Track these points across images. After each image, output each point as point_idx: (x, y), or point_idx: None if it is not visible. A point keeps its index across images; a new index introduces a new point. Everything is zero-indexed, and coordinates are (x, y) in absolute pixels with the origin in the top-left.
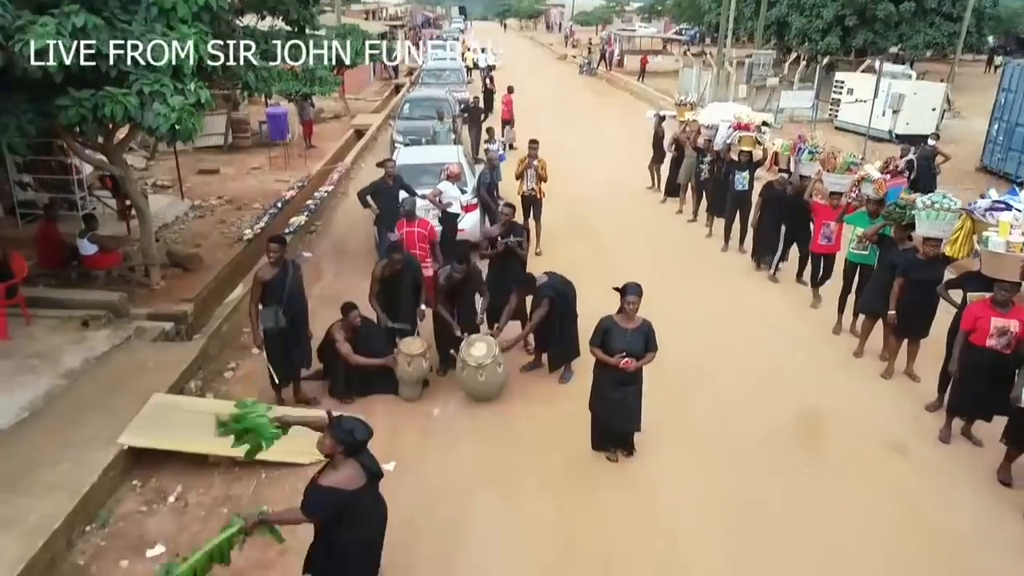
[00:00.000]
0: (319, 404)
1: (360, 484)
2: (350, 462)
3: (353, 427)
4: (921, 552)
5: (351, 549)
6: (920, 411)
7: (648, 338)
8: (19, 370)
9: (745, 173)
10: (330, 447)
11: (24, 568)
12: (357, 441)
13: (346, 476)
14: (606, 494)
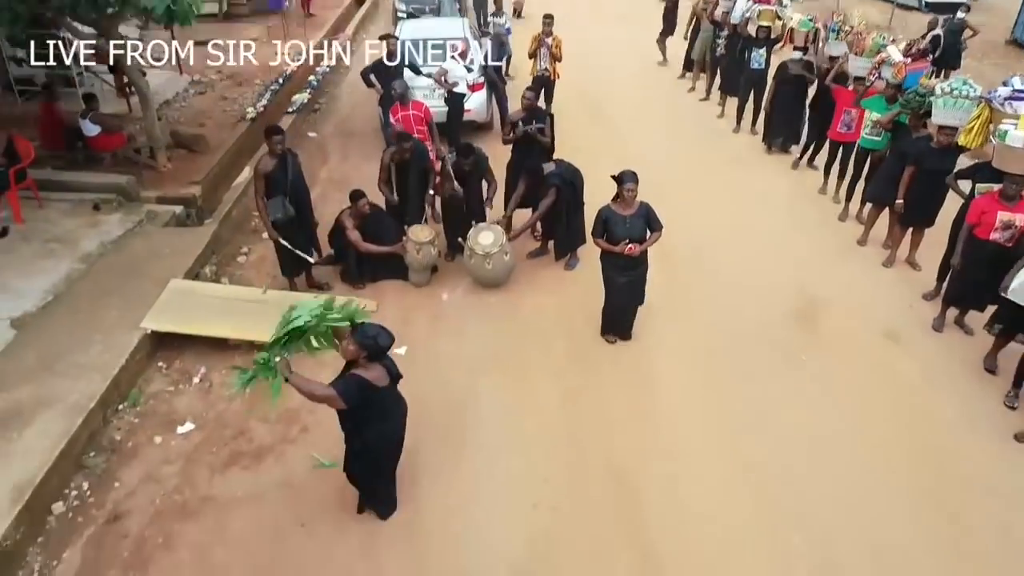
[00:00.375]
0: (331, 289)
1: (385, 383)
2: (374, 365)
3: (376, 334)
4: (906, 434)
5: (380, 443)
6: (917, 300)
7: (649, 220)
8: (38, 254)
9: (762, 51)
10: (354, 352)
11: (68, 442)
12: (380, 347)
13: (372, 376)
14: (607, 379)
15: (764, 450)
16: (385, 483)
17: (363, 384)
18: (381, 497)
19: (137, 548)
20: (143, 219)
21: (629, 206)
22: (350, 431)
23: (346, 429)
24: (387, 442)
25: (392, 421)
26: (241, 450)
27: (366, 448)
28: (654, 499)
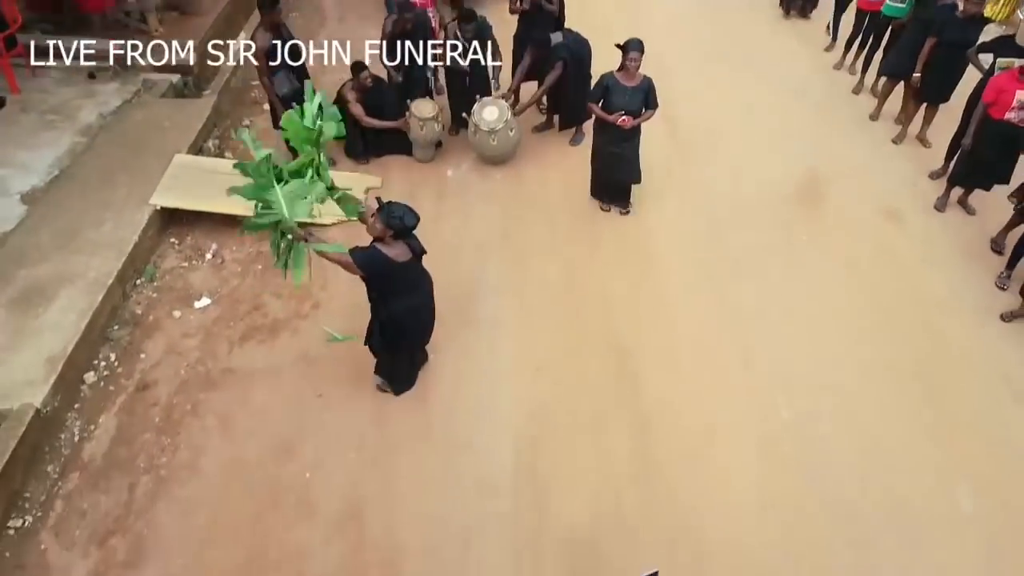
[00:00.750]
0: (334, 164)
1: (405, 259)
2: (398, 242)
3: (403, 214)
4: (896, 311)
5: (407, 316)
6: (923, 178)
7: (648, 96)
8: (39, 126)
9: None
10: (381, 231)
11: (92, 316)
12: (406, 227)
13: (394, 252)
14: (610, 254)
15: (758, 325)
16: (406, 360)
17: (379, 257)
18: (397, 373)
19: (167, 415)
20: (140, 89)
21: (632, 77)
22: (375, 301)
23: (372, 300)
24: (412, 315)
25: (418, 295)
26: (257, 324)
27: (392, 319)
28: (650, 371)
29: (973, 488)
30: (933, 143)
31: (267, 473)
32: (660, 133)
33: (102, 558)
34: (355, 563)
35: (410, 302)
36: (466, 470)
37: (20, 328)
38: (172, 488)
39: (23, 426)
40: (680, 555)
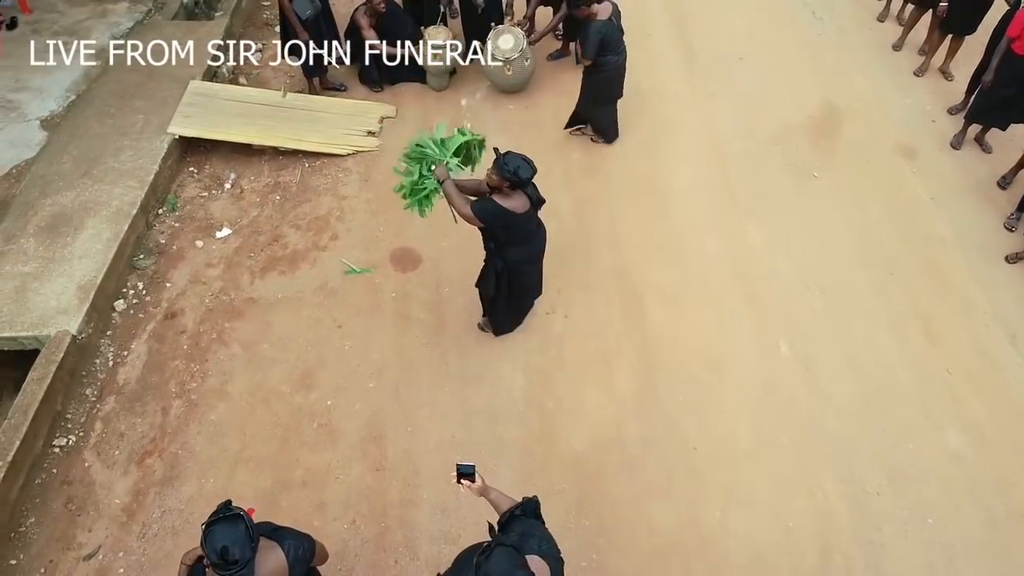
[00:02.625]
0: (346, 90)
1: (526, 209)
2: (516, 192)
3: (518, 165)
4: (901, 247)
5: (523, 265)
6: (942, 113)
7: None
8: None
9: None
10: (497, 181)
11: (119, 245)
12: (521, 179)
13: (513, 203)
14: (619, 188)
15: (763, 262)
16: (516, 306)
17: (499, 209)
18: (502, 317)
19: (195, 342)
20: (151, 8)
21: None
22: (492, 251)
23: (488, 249)
24: (527, 263)
25: (533, 244)
26: (277, 255)
27: (508, 268)
28: (656, 307)
29: (963, 429)
30: (956, 76)
31: (291, 399)
32: (675, 60)
33: (141, 476)
34: (375, 484)
35: (527, 252)
36: (479, 400)
37: (50, 257)
38: (202, 412)
39: (61, 352)
40: (677, 487)
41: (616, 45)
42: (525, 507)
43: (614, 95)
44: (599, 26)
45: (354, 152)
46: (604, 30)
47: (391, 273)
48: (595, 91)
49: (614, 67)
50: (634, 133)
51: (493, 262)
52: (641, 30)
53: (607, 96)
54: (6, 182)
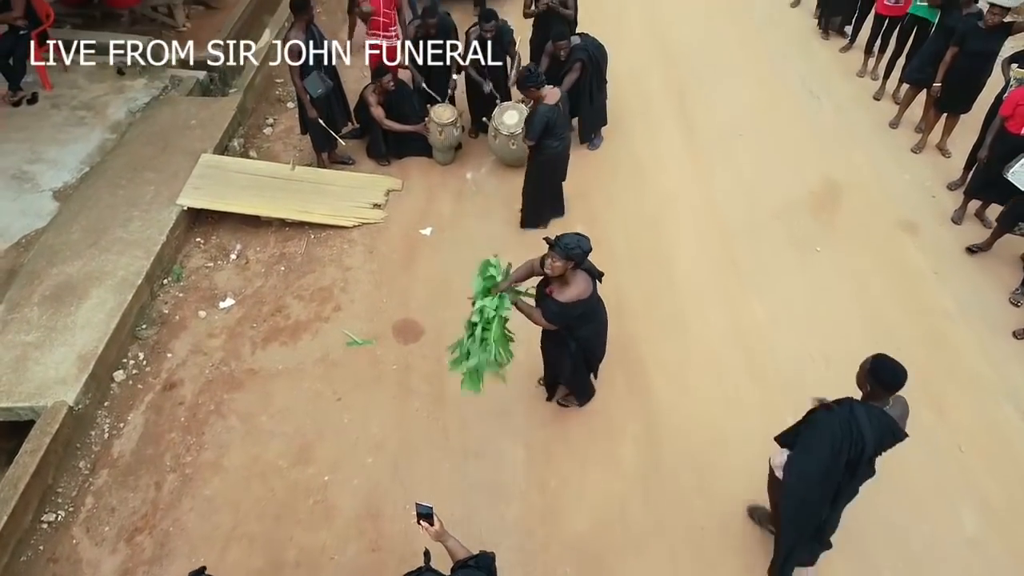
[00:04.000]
0: (354, 163)
1: (592, 290)
2: (578, 273)
3: (577, 242)
4: (906, 322)
5: (594, 339)
6: (941, 189)
7: None
8: (70, 122)
9: None
10: (562, 267)
11: (122, 315)
12: (584, 252)
13: (579, 289)
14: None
15: (767, 334)
16: (587, 375)
17: (567, 310)
18: (583, 387)
19: (192, 414)
20: (168, 85)
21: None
22: (564, 336)
23: (559, 335)
24: (597, 336)
25: (600, 319)
26: (279, 326)
27: (581, 347)
28: (661, 381)
29: (978, 510)
30: (953, 153)
31: (287, 474)
32: (675, 134)
33: (129, 554)
34: (371, 565)
35: (596, 325)
36: (480, 476)
37: (52, 326)
38: (197, 487)
39: (57, 423)
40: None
41: (560, 131)
42: (480, 560)
43: (557, 178)
44: (545, 110)
45: (360, 224)
46: (549, 115)
47: (393, 345)
48: (537, 172)
49: (555, 152)
50: (636, 205)
51: (565, 345)
52: (642, 103)
53: (549, 178)
54: (15, 251)
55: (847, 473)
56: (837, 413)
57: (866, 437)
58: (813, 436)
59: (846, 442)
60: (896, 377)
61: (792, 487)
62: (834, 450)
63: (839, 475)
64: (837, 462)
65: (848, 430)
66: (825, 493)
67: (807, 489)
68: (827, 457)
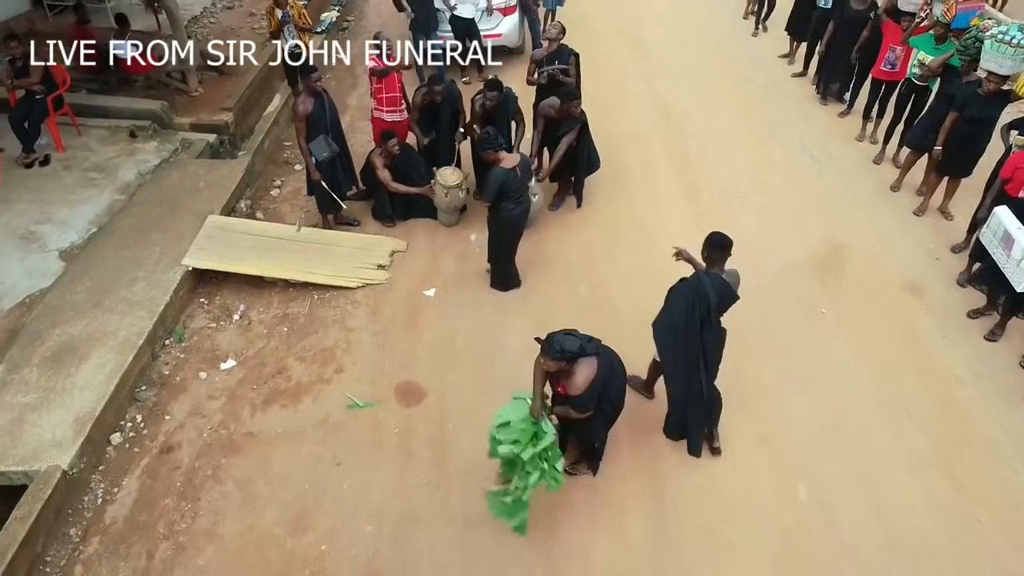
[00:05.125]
0: (359, 225)
1: (595, 368)
2: (578, 364)
3: (561, 342)
4: (917, 388)
5: (620, 396)
6: (945, 252)
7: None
8: (80, 184)
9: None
10: (555, 366)
11: (121, 377)
12: (569, 352)
13: (584, 376)
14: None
15: (776, 403)
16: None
17: (585, 398)
18: (598, 452)
19: (188, 479)
20: (178, 148)
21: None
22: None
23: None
24: (622, 390)
25: (619, 377)
26: (280, 388)
27: (612, 406)
28: (668, 451)
29: None
30: (955, 216)
31: (284, 543)
32: (679, 198)
33: None
34: None
35: (619, 383)
36: (482, 547)
37: (51, 387)
38: (190, 556)
39: (49, 489)
40: None
41: (517, 195)
42: None
43: (514, 237)
44: (501, 174)
45: (364, 285)
46: (505, 178)
47: (395, 408)
48: (496, 232)
49: (512, 214)
50: (641, 267)
51: (599, 411)
52: (645, 166)
53: (507, 238)
54: (19, 311)
55: (701, 328)
56: (689, 282)
57: (710, 296)
58: (672, 299)
59: (695, 300)
60: (722, 239)
61: (662, 339)
62: (687, 306)
63: (696, 327)
64: (692, 316)
65: (696, 291)
66: (691, 343)
67: (675, 339)
68: (683, 312)
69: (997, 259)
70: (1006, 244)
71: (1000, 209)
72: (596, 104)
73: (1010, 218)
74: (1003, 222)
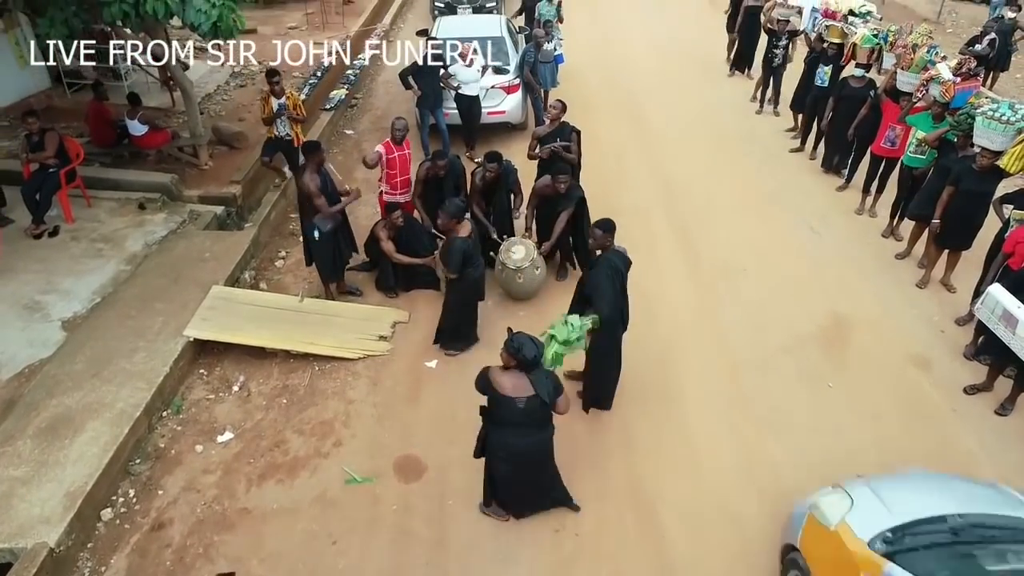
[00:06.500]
0: (361, 294)
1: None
2: (522, 375)
3: (521, 344)
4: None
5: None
6: (950, 324)
7: None
8: (87, 254)
9: (828, 68)
10: (505, 360)
11: (116, 450)
12: (524, 358)
13: (510, 382)
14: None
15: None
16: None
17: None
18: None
19: (179, 558)
20: (186, 219)
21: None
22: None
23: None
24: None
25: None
26: (277, 462)
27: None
28: (673, 525)
29: None
30: (958, 288)
31: None
32: (680, 269)
33: None
34: None
35: (508, 440)
36: None
37: (44, 460)
38: None
39: (35, 567)
40: None
41: (475, 260)
42: None
43: (475, 299)
44: (461, 243)
45: (365, 356)
46: (465, 246)
47: (393, 483)
48: (457, 297)
49: (474, 278)
50: (643, 340)
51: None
52: (646, 238)
53: (471, 301)
54: (17, 381)
55: (621, 293)
56: (602, 264)
57: (620, 266)
58: (601, 283)
59: (614, 272)
60: (609, 222)
61: (607, 314)
62: (612, 281)
63: (622, 295)
64: (615, 285)
65: (612, 267)
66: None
67: (618, 312)
68: (611, 287)
69: (1001, 336)
70: (1008, 322)
71: (994, 288)
72: (597, 177)
73: (1006, 297)
74: (1000, 301)
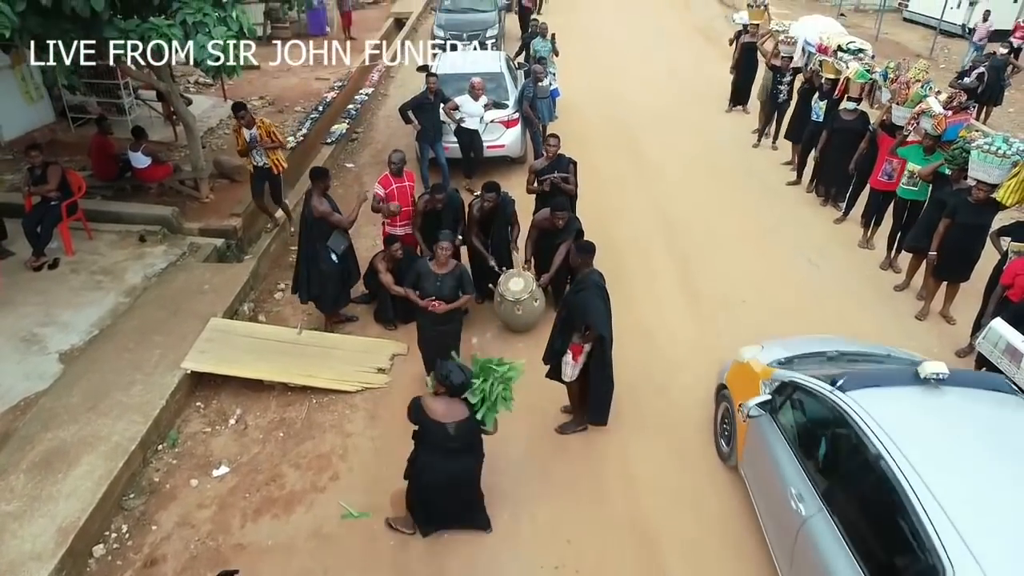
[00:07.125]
0: (356, 320)
1: (452, 420)
2: (454, 401)
3: (449, 371)
4: None
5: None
6: (950, 356)
7: (462, 282)
8: (87, 286)
9: (824, 103)
10: (435, 386)
11: (110, 484)
12: (452, 384)
13: (442, 408)
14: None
15: None
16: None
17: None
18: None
19: None
20: (186, 252)
21: (443, 265)
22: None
23: None
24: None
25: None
26: (273, 496)
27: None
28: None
29: None
30: (958, 319)
31: None
32: (680, 302)
33: None
34: None
35: (436, 462)
36: None
37: (36, 495)
38: None
39: None
40: None
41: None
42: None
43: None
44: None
45: (363, 389)
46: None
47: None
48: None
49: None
50: (644, 372)
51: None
52: (645, 270)
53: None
54: (12, 414)
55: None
56: (589, 285)
57: (602, 283)
58: (593, 303)
59: (601, 291)
60: (590, 244)
61: (603, 336)
62: (603, 299)
63: (609, 308)
64: (607, 303)
65: (599, 287)
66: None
67: (609, 328)
68: (603, 304)
69: (1004, 370)
70: (1013, 357)
71: (996, 323)
72: (595, 210)
73: (1010, 331)
74: (1003, 335)
